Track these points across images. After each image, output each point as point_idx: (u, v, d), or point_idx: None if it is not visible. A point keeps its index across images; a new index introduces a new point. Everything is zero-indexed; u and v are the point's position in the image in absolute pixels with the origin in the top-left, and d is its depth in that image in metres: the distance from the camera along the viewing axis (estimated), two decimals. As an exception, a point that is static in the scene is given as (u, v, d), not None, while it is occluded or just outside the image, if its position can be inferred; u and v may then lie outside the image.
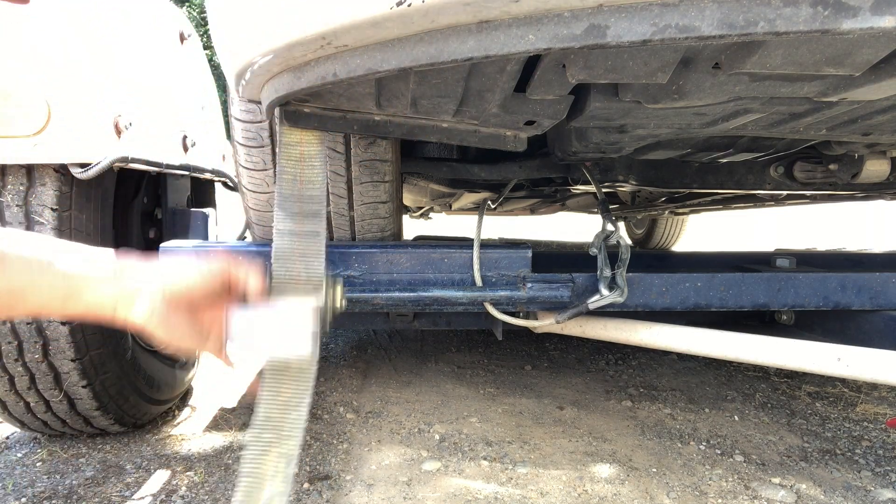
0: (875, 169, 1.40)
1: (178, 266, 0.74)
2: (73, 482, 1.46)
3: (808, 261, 1.76)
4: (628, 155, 1.37)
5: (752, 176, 1.59)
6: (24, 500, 1.38)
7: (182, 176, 1.88)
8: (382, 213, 1.34)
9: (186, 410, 1.94)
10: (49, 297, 0.68)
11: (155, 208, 1.89)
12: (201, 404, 1.99)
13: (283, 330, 0.76)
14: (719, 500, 1.31)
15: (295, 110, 0.98)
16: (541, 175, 1.65)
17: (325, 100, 0.96)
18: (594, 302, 1.22)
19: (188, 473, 1.50)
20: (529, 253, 1.28)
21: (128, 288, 0.70)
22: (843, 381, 2.16)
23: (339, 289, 0.93)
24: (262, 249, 1.25)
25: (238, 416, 1.88)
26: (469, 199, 2.77)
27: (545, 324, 1.30)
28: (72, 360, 1.38)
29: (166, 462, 1.57)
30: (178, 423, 1.83)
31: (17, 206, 1.27)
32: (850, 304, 1.36)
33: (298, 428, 0.81)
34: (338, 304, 0.94)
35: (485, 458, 1.49)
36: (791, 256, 1.54)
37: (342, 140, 1.23)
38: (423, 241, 1.44)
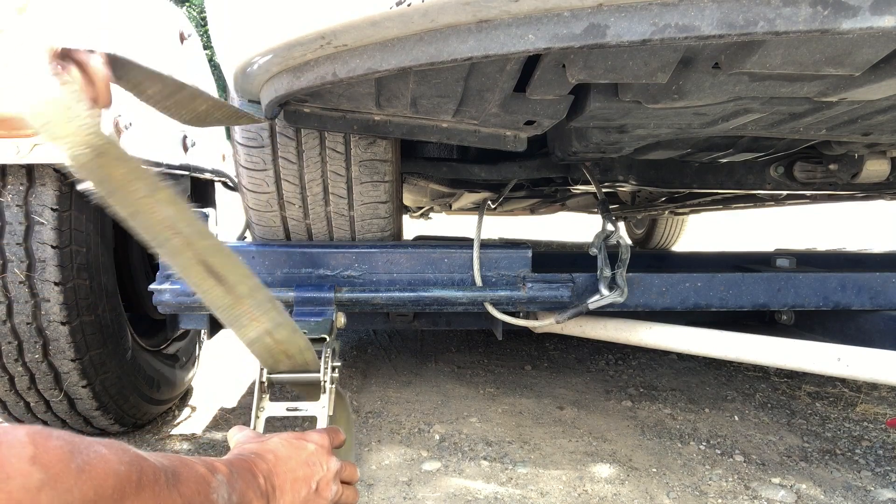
0: (875, 169, 1.40)
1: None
2: (73, 482, 1.46)
3: (808, 261, 1.76)
4: (628, 155, 1.37)
5: (752, 176, 1.59)
6: (23, 500, 1.38)
7: (182, 176, 1.88)
8: (382, 213, 1.34)
9: (186, 410, 1.94)
10: None
11: (155, 208, 1.88)
12: (201, 404, 1.99)
13: None
14: (719, 500, 1.31)
15: (295, 110, 0.98)
16: (541, 175, 1.65)
17: (324, 100, 0.96)
18: (594, 302, 1.22)
19: (188, 473, 1.50)
20: (529, 253, 1.28)
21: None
22: (843, 381, 2.16)
23: (340, 318, 1.13)
24: (261, 249, 1.25)
25: (238, 416, 1.88)
26: (469, 199, 2.76)
27: (545, 324, 1.30)
28: (72, 360, 1.38)
29: (166, 462, 1.56)
30: (178, 423, 1.83)
31: (17, 206, 1.27)
32: (850, 304, 1.36)
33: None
34: (339, 325, 1.11)
35: (485, 458, 1.49)
36: (791, 256, 1.54)
37: (342, 140, 1.23)
38: (423, 241, 1.44)
